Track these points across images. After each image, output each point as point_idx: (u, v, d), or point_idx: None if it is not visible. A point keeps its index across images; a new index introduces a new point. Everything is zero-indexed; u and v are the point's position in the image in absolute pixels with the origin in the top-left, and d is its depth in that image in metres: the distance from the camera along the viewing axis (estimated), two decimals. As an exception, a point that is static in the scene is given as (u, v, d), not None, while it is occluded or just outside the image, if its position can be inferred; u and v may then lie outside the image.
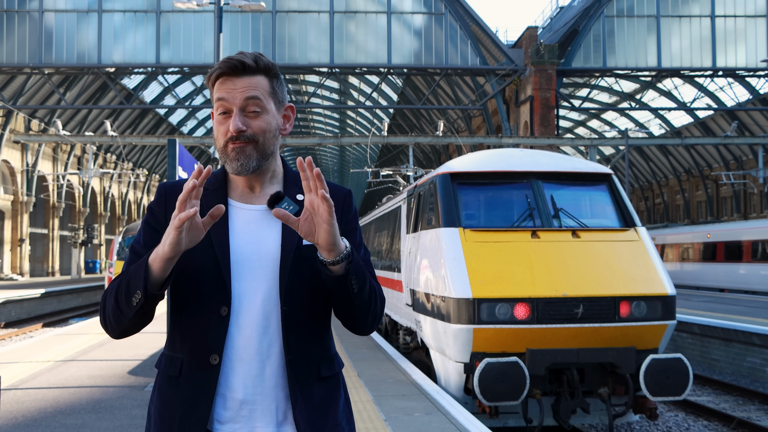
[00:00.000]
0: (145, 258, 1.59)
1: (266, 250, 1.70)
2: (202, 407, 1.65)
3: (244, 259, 1.68)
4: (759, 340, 12.02)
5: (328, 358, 1.78)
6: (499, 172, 7.95)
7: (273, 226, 1.73)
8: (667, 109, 39.13)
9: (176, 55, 29.79)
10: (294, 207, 1.70)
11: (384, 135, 32.72)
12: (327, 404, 1.73)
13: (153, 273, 1.56)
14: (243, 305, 1.67)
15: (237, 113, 1.68)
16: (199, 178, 1.52)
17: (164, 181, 1.84)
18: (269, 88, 1.73)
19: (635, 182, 59.81)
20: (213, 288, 1.67)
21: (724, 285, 25.91)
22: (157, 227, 1.74)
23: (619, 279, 6.91)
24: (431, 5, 30.25)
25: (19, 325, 21.51)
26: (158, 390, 1.74)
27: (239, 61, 1.69)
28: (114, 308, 1.64)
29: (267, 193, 1.76)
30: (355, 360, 9.05)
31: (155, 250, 1.57)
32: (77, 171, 36.08)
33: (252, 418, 1.67)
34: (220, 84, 1.70)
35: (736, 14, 30.96)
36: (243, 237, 1.70)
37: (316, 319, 1.74)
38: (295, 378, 1.68)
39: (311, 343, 1.73)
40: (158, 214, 1.76)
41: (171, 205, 1.73)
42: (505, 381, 6.34)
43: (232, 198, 1.76)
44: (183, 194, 1.51)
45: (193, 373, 1.67)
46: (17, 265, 38.18)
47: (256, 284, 1.68)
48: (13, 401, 6.61)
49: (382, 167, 47.68)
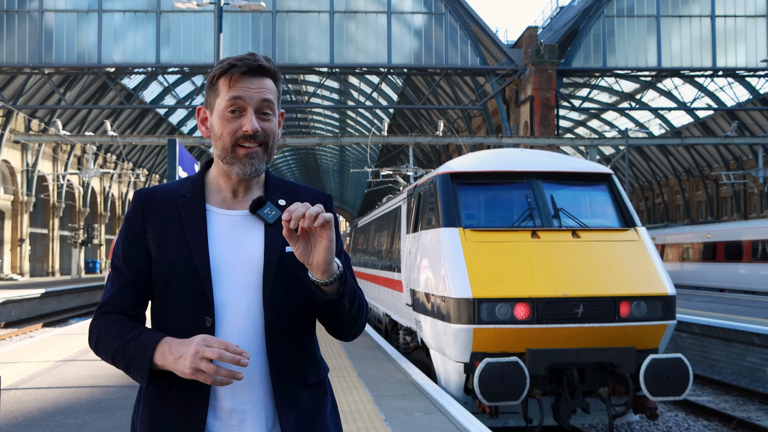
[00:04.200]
0: (150, 351, 1.55)
1: (249, 256, 1.66)
2: (196, 418, 1.62)
3: (226, 266, 1.64)
4: (759, 340, 12.01)
5: (314, 364, 1.75)
6: (499, 172, 7.94)
7: (255, 231, 1.69)
8: (667, 109, 39.13)
9: (176, 55, 29.79)
10: (276, 212, 1.68)
11: (384, 135, 32.72)
12: (314, 411, 1.71)
13: (157, 367, 1.56)
14: (227, 314, 1.63)
15: (252, 113, 1.65)
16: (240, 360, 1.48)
17: (141, 188, 1.82)
18: (277, 93, 1.73)
19: (635, 182, 59.80)
20: (195, 299, 1.63)
21: (724, 285, 25.90)
22: (135, 241, 1.68)
23: (619, 279, 6.91)
24: (431, 5, 30.24)
25: (19, 325, 21.51)
26: (144, 403, 1.69)
27: (257, 63, 1.67)
28: (110, 363, 1.65)
29: (249, 199, 1.72)
30: (355, 360, 9.05)
31: (163, 356, 1.53)
32: (77, 171, 36.10)
33: (242, 427, 1.64)
34: (234, 82, 1.66)
35: (736, 14, 30.96)
36: (224, 243, 1.66)
37: (300, 326, 1.70)
38: (280, 387, 1.65)
39: (296, 350, 1.70)
40: (136, 225, 1.70)
41: (149, 215, 1.69)
42: (505, 381, 6.33)
43: (210, 204, 1.72)
44: (219, 357, 1.47)
45: (184, 386, 1.62)
46: (17, 265, 38.17)
47: (240, 291, 1.64)
48: (13, 401, 6.61)
49: (382, 167, 47.68)
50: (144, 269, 1.68)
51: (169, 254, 1.62)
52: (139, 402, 1.72)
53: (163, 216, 1.69)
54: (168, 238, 1.66)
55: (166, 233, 1.67)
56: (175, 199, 1.72)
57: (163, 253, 1.65)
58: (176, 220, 1.68)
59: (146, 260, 1.68)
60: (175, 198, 1.72)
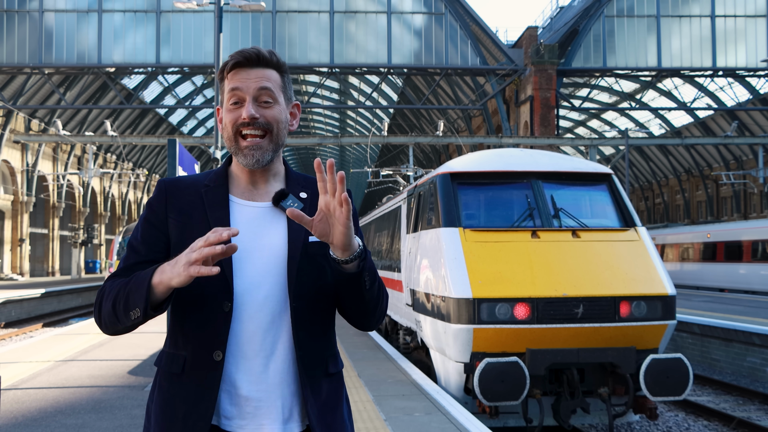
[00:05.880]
0: (149, 275, 1.56)
1: (270, 247, 1.69)
2: (206, 404, 1.64)
3: (246, 255, 1.67)
4: (759, 340, 12.01)
5: (334, 355, 1.79)
6: (499, 172, 7.94)
7: (278, 223, 1.72)
8: (667, 109, 39.14)
9: (176, 55, 29.80)
10: (298, 204, 1.71)
11: (384, 135, 32.72)
12: (334, 401, 1.74)
13: (155, 294, 1.55)
14: (246, 301, 1.66)
15: (250, 101, 1.68)
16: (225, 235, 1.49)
17: (165, 177, 1.83)
18: (280, 83, 1.75)
19: (635, 182, 59.81)
20: (215, 284, 1.65)
21: (724, 285, 25.90)
22: (156, 224, 1.73)
23: (619, 279, 6.91)
24: (431, 5, 30.25)
25: (19, 325, 21.51)
26: (159, 388, 1.72)
27: (254, 52, 1.70)
28: (110, 313, 1.62)
29: (269, 191, 1.76)
30: (355, 360, 9.05)
31: (162, 272, 1.54)
32: (77, 171, 36.09)
33: (257, 415, 1.66)
34: (233, 75, 1.71)
35: (736, 14, 30.97)
36: (246, 233, 1.68)
37: (323, 315, 1.74)
38: (306, 374, 1.68)
39: (319, 339, 1.73)
40: (158, 210, 1.74)
41: (172, 201, 1.73)
42: (505, 381, 6.33)
43: (233, 195, 1.75)
44: (207, 244, 1.48)
45: (197, 370, 1.65)
46: (17, 265, 38.17)
47: (259, 280, 1.67)
48: (13, 401, 6.61)
49: (382, 167, 47.68)
50: (161, 251, 1.71)
51: (191, 240, 1.61)
52: (154, 388, 1.74)
53: (186, 203, 1.73)
54: (190, 223, 1.70)
55: (189, 219, 1.71)
56: (198, 188, 1.76)
57: (183, 238, 1.66)
58: (199, 209, 1.71)
59: (164, 243, 1.71)
60: (199, 188, 1.76)
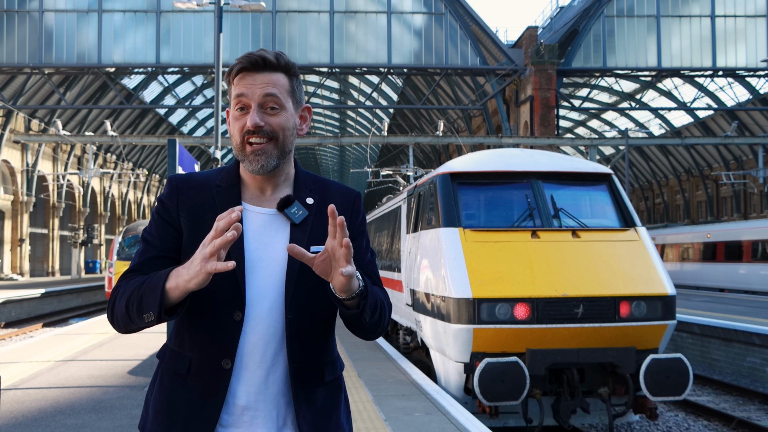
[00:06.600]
0: (163, 279, 1.53)
1: (275, 257, 1.66)
2: (211, 410, 1.63)
3: (254, 264, 1.65)
4: (759, 340, 12.01)
5: (331, 362, 1.76)
6: (499, 172, 7.94)
7: (281, 231, 1.69)
8: (667, 109, 39.13)
9: (176, 55, 29.79)
10: (303, 212, 1.68)
11: (384, 135, 32.71)
12: (330, 408, 1.73)
13: (169, 299, 1.53)
14: (254, 311, 1.64)
15: (255, 109, 1.65)
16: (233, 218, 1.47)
17: (175, 174, 1.81)
18: (288, 87, 1.70)
19: (635, 182, 59.80)
20: (228, 292, 1.63)
21: (724, 285, 25.91)
22: (168, 220, 1.70)
23: (619, 279, 6.91)
24: (431, 5, 30.24)
25: (19, 325, 21.50)
26: (161, 383, 1.71)
27: (260, 57, 1.66)
28: (123, 314, 1.61)
29: (277, 197, 1.72)
30: (355, 360, 9.05)
31: (177, 275, 1.52)
32: (77, 171, 36.07)
33: (253, 424, 1.65)
34: (239, 80, 1.67)
35: (736, 14, 30.96)
36: (255, 241, 1.66)
37: (320, 325, 1.71)
38: (299, 386, 1.67)
39: (315, 350, 1.71)
40: (170, 207, 1.71)
41: (183, 200, 1.71)
42: (505, 381, 6.33)
43: (243, 200, 1.72)
44: (217, 235, 1.46)
45: (203, 375, 1.64)
46: (17, 265, 38.17)
47: (264, 291, 1.65)
48: (13, 401, 6.61)
49: (382, 167, 47.68)
50: (175, 247, 1.68)
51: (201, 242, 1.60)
52: (155, 380, 1.73)
53: (198, 203, 1.70)
54: (201, 226, 1.65)
55: (200, 221, 1.67)
56: (210, 188, 1.72)
57: (195, 239, 1.61)
58: (210, 211, 1.67)
59: (178, 239, 1.69)
60: (210, 187, 1.72)
